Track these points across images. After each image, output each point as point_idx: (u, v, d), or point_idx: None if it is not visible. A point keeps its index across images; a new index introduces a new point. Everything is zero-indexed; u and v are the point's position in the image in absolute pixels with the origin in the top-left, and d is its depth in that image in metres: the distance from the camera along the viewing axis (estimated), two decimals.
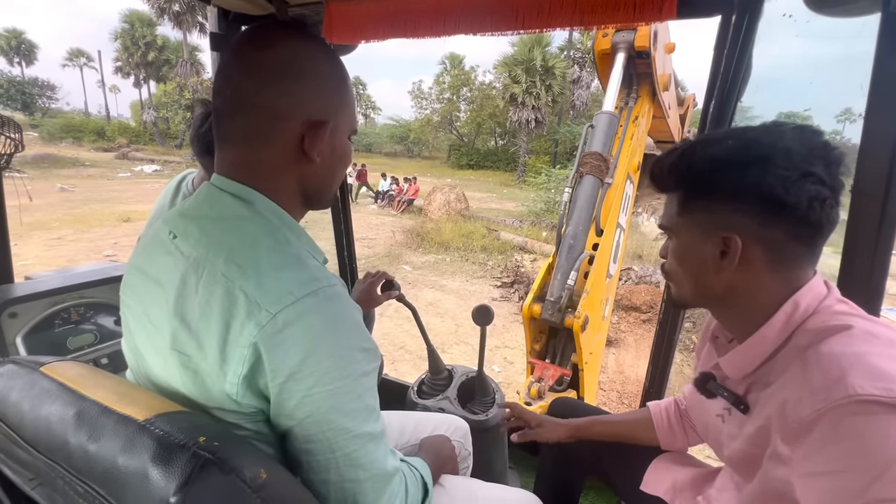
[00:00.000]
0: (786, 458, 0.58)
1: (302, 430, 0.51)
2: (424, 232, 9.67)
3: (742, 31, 0.96)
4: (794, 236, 0.61)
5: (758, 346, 0.66)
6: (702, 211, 0.67)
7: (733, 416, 0.73)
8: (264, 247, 0.53)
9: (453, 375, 1.51)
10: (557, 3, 1.06)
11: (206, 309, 0.50)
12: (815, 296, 0.63)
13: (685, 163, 0.67)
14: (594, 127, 2.23)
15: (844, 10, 0.85)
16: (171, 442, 0.40)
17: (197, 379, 0.52)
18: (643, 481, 0.99)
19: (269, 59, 0.56)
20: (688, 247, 0.70)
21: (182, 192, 1.26)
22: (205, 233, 0.55)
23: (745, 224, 0.62)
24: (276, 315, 0.48)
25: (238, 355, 0.49)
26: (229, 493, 0.39)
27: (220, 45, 1.53)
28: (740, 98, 1.03)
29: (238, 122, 0.58)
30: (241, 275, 0.50)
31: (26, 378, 0.51)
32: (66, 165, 18.42)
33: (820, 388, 0.54)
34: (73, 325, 1.13)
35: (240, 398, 0.51)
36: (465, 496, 0.91)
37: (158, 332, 0.54)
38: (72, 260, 6.53)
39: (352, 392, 0.52)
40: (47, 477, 0.44)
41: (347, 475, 0.54)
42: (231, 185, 0.58)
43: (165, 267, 0.56)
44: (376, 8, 1.33)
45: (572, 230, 2.03)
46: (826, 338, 0.58)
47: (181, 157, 24.86)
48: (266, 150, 0.58)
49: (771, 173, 0.59)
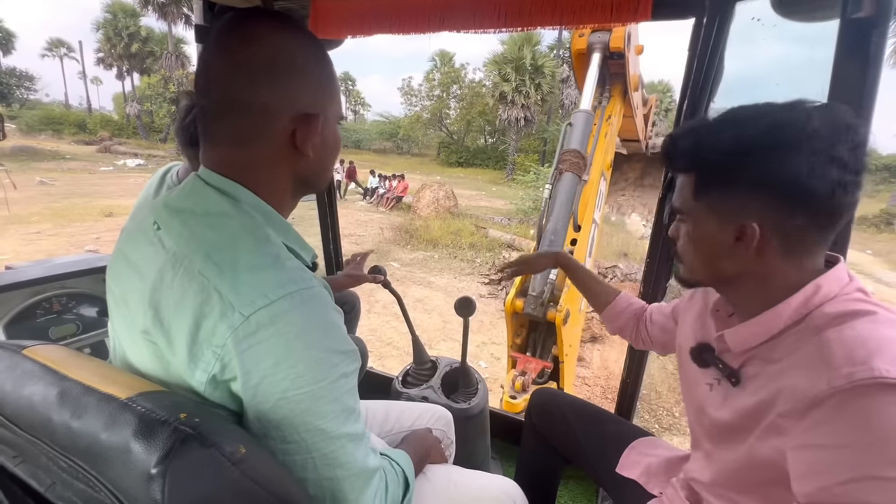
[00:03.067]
0: (782, 430, 0.59)
1: (278, 432, 0.51)
2: (413, 229, 9.68)
3: (713, 34, 1.00)
4: (814, 224, 0.60)
5: (768, 322, 0.65)
6: (719, 195, 0.64)
7: (722, 386, 0.74)
8: (244, 247, 0.53)
9: (437, 366, 1.53)
10: (539, 3, 1.09)
11: (179, 304, 0.50)
12: (837, 281, 0.62)
13: (703, 145, 0.65)
14: (572, 125, 2.28)
15: (807, 16, 0.89)
16: (152, 418, 0.42)
17: (167, 368, 0.53)
18: (619, 464, 1.03)
19: (257, 56, 0.54)
20: (702, 231, 0.68)
21: (167, 184, 1.26)
22: (187, 227, 0.54)
23: (765, 211, 0.60)
24: (248, 317, 0.48)
25: (209, 355, 0.49)
26: (209, 465, 0.41)
27: (205, 38, 1.52)
28: (713, 98, 1.07)
29: (227, 122, 0.57)
30: (217, 274, 0.50)
31: (8, 360, 0.52)
32: (46, 158, 17.95)
33: (842, 367, 0.53)
34: (55, 314, 1.13)
35: (208, 395, 0.51)
36: (445, 483, 0.93)
37: (133, 318, 0.55)
38: (51, 255, 6.38)
39: (329, 395, 0.52)
40: (30, 453, 0.45)
41: (325, 473, 0.54)
42: (217, 180, 0.57)
43: (146, 256, 0.56)
44: (362, 3, 1.34)
45: (553, 226, 2.08)
46: (850, 321, 0.58)
47: (166, 151, 24.40)
48: (257, 149, 0.57)
49: (796, 160, 0.56)
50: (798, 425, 0.57)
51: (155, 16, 26.53)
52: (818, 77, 0.88)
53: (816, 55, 1.01)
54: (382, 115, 38.41)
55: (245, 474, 0.43)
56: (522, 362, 2.05)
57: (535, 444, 1.28)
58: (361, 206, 13.59)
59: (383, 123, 37.99)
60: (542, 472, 1.29)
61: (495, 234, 9.57)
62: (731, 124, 0.63)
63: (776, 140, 0.58)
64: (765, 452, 0.63)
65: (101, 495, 0.40)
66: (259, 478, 0.44)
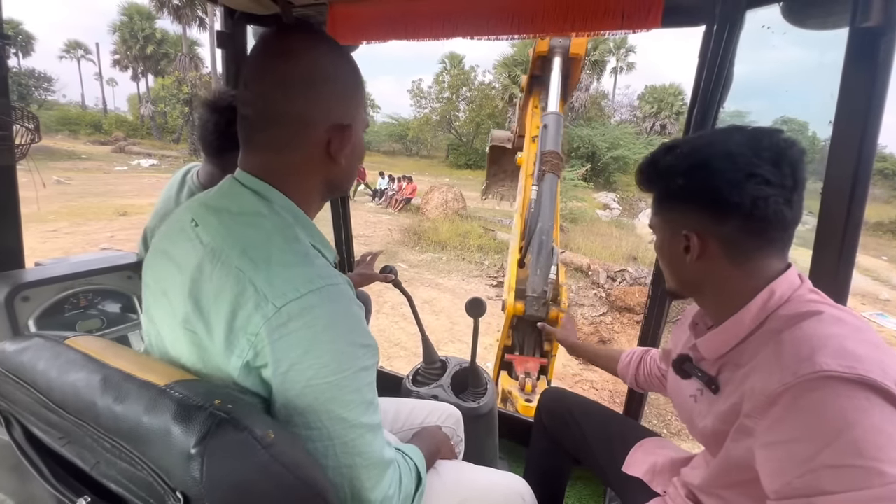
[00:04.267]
0: (749, 430, 0.63)
1: (303, 419, 0.54)
2: (421, 230, 9.72)
3: (723, 41, 1.02)
4: (746, 232, 0.66)
5: (733, 328, 0.71)
6: (667, 211, 0.75)
7: (705, 396, 0.78)
8: (276, 244, 0.57)
9: (447, 365, 1.56)
10: (551, 11, 1.12)
11: (218, 295, 0.54)
12: (789, 285, 0.68)
13: (652, 169, 0.75)
14: (546, 127, 2.32)
15: (817, 24, 0.91)
16: (189, 403, 0.45)
17: (205, 356, 0.56)
18: (625, 463, 1.05)
19: (295, 71, 0.59)
20: (662, 242, 0.78)
21: (187, 184, 1.30)
22: (224, 225, 0.59)
23: (699, 222, 0.69)
24: (280, 308, 0.51)
25: (244, 342, 0.53)
26: (242, 447, 0.43)
27: (227, 44, 1.58)
28: (722, 104, 1.09)
29: (269, 132, 0.61)
30: (252, 268, 0.54)
31: (52, 350, 0.56)
32: (62, 158, 18.31)
33: (789, 365, 0.58)
34: (81, 310, 1.18)
35: (241, 381, 0.54)
36: (455, 479, 0.94)
37: (173, 310, 0.59)
38: (67, 253, 6.51)
39: (350, 385, 0.55)
40: (76, 435, 0.49)
41: (345, 461, 0.57)
42: (253, 182, 0.62)
43: (185, 251, 0.60)
44: (378, 10, 1.38)
45: (542, 226, 2.11)
46: (798, 322, 0.63)
47: (178, 151, 24.76)
48: (294, 156, 0.62)
49: (716, 177, 0.65)
50: (760, 424, 0.61)
51: (170, 18, 27.01)
52: (828, 84, 0.90)
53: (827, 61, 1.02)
54: (392, 117, 38.59)
55: (274, 458, 0.46)
56: (520, 363, 2.06)
57: (544, 444, 1.30)
58: (370, 207, 13.67)
59: (392, 125, 38.14)
60: (551, 472, 1.30)
61: (503, 237, 9.57)
62: (671, 148, 0.72)
63: (702, 159, 0.67)
64: (739, 453, 0.66)
65: (143, 473, 0.43)
66: (287, 462, 0.47)
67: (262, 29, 1.63)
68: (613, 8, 1.02)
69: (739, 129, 0.68)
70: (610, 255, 9.08)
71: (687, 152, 0.69)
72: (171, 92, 25.47)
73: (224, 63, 1.64)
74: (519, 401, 1.91)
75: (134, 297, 1.31)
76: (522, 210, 2.37)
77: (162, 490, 0.42)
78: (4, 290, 1.04)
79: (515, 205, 2.66)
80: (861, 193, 0.86)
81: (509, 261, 2.36)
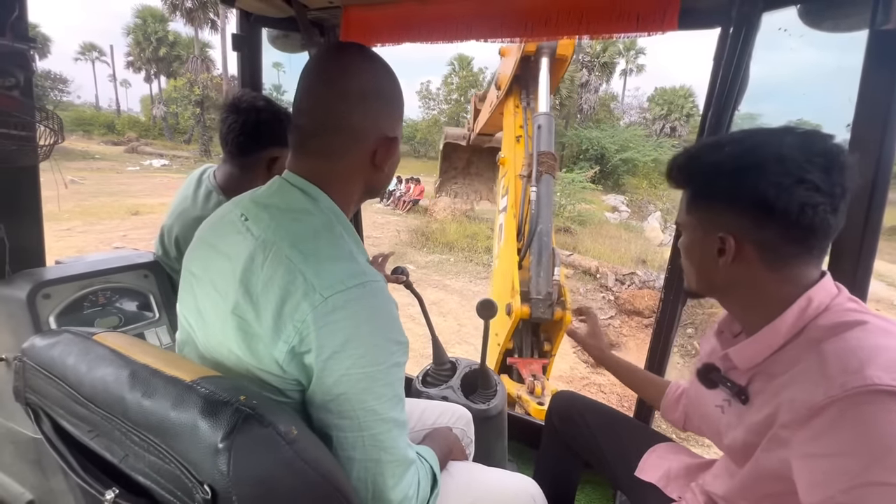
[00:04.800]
0: (785, 441, 0.62)
1: (336, 406, 0.57)
2: (429, 232, 9.74)
3: (739, 44, 1.01)
4: (787, 238, 0.64)
5: (768, 337, 0.69)
6: (703, 210, 0.72)
7: (733, 406, 0.76)
8: (324, 239, 0.61)
9: (457, 367, 1.56)
10: (564, 14, 1.12)
11: (268, 283, 0.57)
12: (827, 293, 0.66)
13: (691, 165, 0.72)
14: (541, 128, 2.31)
15: (835, 26, 0.90)
16: (216, 399, 0.46)
17: (251, 343, 0.58)
18: (638, 468, 1.04)
19: (352, 86, 0.64)
20: (692, 242, 0.75)
21: (203, 184, 1.32)
22: (274, 219, 0.63)
23: (740, 225, 0.66)
24: (327, 299, 0.55)
25: (291, 328, 0.55)
26: (267, 442, 0.44)
27: (242, 46, 1.60)
28: (737, 107, 1.08)
29: (324, 141, 0.66)
30: (302, 260, 0.57)
31: (81, 345, 0.57)
32: (76, 158, 18.63)
33: (836, 377, 0.56)
34: (99, 307, 1.20)
35: (285, 366, 0.57)
36: (467, 480, 0.95)
37: (222, 298, 0.61)
38: (81, 251, 6.62)
39: (383, 379, 0.58)
40: (104, 428, 0.50)
41: (371, 455, 0.59)
42: (300, 182, 0.66)
43: (235, 243, 0.63)
44: (391, 13, 1.39)
45: (543, 227, 2.10)
46: (843, 332, 0.61)
47: (189, 151, 25.07)
48: (342, 163, 0.67)
49: (764, 180, 0.62)
50: (798, 435, 0.59)
51: (182, 21, 27.35)
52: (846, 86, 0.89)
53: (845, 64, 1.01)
54: None
55: (297, 454, 0.47)
56: (524, 366, 2.06)
57: (554, 447, 1.30)
58: (378, 208, 13.72)
59: None
60: (561, 474, 1.30)
61: None
62: (717, 146, 0.69)
63: (750, 160, 0.64)
64: (771, 464, 0.65)
65: (171, 466, 0.44)
66: (309, 458, 0.48)
67: (276, 32, 1.66)
68: (628, 10, 1.02)
69: (790, 130, 0.65)
70: (618, 258, 9.03)
71: (737, 152, 0.66)
72: (182, 93, 25.81)
73: (238, 65, 1.66)
74: (531, 404, 1.90)
75: (150, 296, 1.33)
76: (515, 211, 2.33)
77: (190, 483, 0.43)
78: (27, 288, 1.06)
79: (500, 205, 2.59)
80: (880, 198, 0.85)
81: (503, 263, 2.31)
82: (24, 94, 1.02)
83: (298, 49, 1.70)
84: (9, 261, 1.12)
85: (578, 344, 1.30)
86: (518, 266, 2.23)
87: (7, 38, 0.98)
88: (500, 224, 2.54)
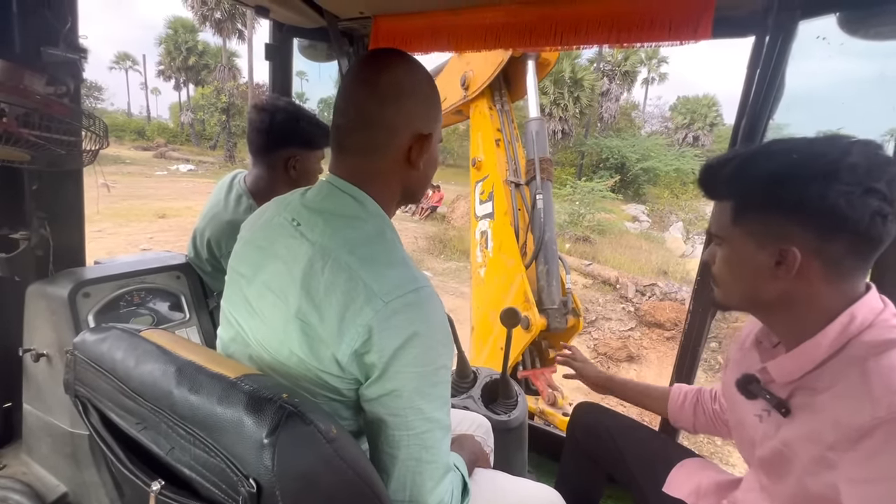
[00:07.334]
0: (832, 463, 0.60)
1: (389, 400, 0.60)
2: (447, 239, 9.76)
3: (775, 52, 1.00)
4: (853, 250, 0.62)
5: (810, 353, 0.67)
6: (757, 221, 0.68)
7: (772, 417, 0.75)
8: (379, 247, 0.64)
9: (477, 376, 1.55)
10: (595, 22, 1.12)
11: (330, 288, 0.60)
12: (871, 309, 0.64)
13: (742, 174, 0.68)
14: (538, 133, 2.27)
15: (876, 34, 0.88)
16: (260, 396, 0.47)
17: (314, 345, 0.61)
18: (666, 483, 1.02)
19: (387, 83, 0.67)
20: (740, 255, 0.70)
21: (234, 188, 1.36)
22: (329, 226, 0.65)
23: (805, 237, 0.63)
24: (388, 303, 0.58)
25: (354, 332, 0.58)
26: (309, 439, 0.46)
27: (274, 55, 1.65)
28: (772, 116, 1.06)
29: (360, 137, 0.69)
30: (361, 266, 0.60)
31: (129, 341, 0.59)
32: (108, 162, 19.34)
33: (881, 397, 0.55)
34: (135, 307, 1.24)
35: (346, 365, 0.60)
36: (492, 488, 0.95)
37: (282, 301, 0.63)
38: (111, 252, 6.86)
39: (432, 379, 0.61)
40: (152, 421, 0.52)
41: (414, 454, 0.61)
42: (348, 187, 0.69)
43: (289, 247, 0.65)
44: (421, 23, 1.41)
45: (549, 235, 2.05)
46: (886, 350, 0.59)
47: (215, 157, 25.79)
48: (380, 160, 0.69)
49: (834, 188, 0.59)
50: (847, 457, 0.58)
51: (212, 31, 28.28)
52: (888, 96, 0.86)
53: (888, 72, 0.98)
54: None
55: (336, 452, 0.48)
56: (537, 377, 2.01)
57: (576, 460, 1.28)
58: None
59: None
60: (583, 487, 1.28)
61: None
62: (770, 154, 0.67)
63: (816, 170, 0.61)
64: (818, 488, 0.63)
65: (217, 460, 0.45)
66: (347, 457, 0.49)
67: (305, 41, 1.70)
68: (661, 18, 1.01)
69: (844, 138, 0.63)
70: (639, 269, 8.87)
71: (800, 161, 0.63)
72: (209, 101, 26.59)
73: (270, 73, 1.71)
74: (556, 416, 1.88)
75: (182, 297, 1.37)
76: (510, 219, 2.23)
77: (235, 477, 0.44)
78: (69, 286, 1.11)
79: (479, 211, 2.47)
80: None
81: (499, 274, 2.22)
82: (73, 100, 1.07)
83: (325, 58, 1.75)
84: (52, 260, 1.18)
85: (575, 372, 1.32)
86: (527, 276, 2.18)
87: (60, 49, 1.03)
88: (484, 231, 2.45)
